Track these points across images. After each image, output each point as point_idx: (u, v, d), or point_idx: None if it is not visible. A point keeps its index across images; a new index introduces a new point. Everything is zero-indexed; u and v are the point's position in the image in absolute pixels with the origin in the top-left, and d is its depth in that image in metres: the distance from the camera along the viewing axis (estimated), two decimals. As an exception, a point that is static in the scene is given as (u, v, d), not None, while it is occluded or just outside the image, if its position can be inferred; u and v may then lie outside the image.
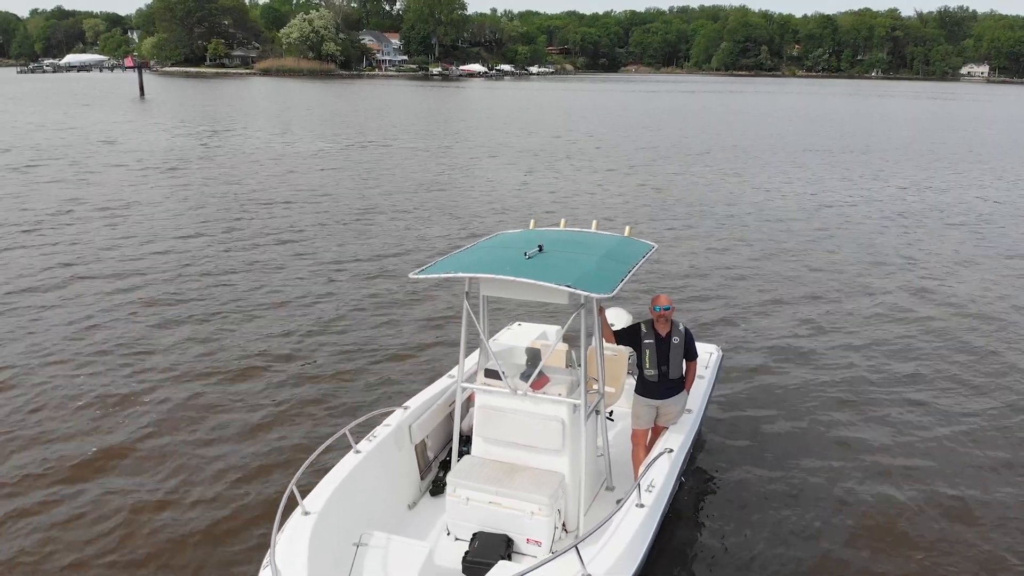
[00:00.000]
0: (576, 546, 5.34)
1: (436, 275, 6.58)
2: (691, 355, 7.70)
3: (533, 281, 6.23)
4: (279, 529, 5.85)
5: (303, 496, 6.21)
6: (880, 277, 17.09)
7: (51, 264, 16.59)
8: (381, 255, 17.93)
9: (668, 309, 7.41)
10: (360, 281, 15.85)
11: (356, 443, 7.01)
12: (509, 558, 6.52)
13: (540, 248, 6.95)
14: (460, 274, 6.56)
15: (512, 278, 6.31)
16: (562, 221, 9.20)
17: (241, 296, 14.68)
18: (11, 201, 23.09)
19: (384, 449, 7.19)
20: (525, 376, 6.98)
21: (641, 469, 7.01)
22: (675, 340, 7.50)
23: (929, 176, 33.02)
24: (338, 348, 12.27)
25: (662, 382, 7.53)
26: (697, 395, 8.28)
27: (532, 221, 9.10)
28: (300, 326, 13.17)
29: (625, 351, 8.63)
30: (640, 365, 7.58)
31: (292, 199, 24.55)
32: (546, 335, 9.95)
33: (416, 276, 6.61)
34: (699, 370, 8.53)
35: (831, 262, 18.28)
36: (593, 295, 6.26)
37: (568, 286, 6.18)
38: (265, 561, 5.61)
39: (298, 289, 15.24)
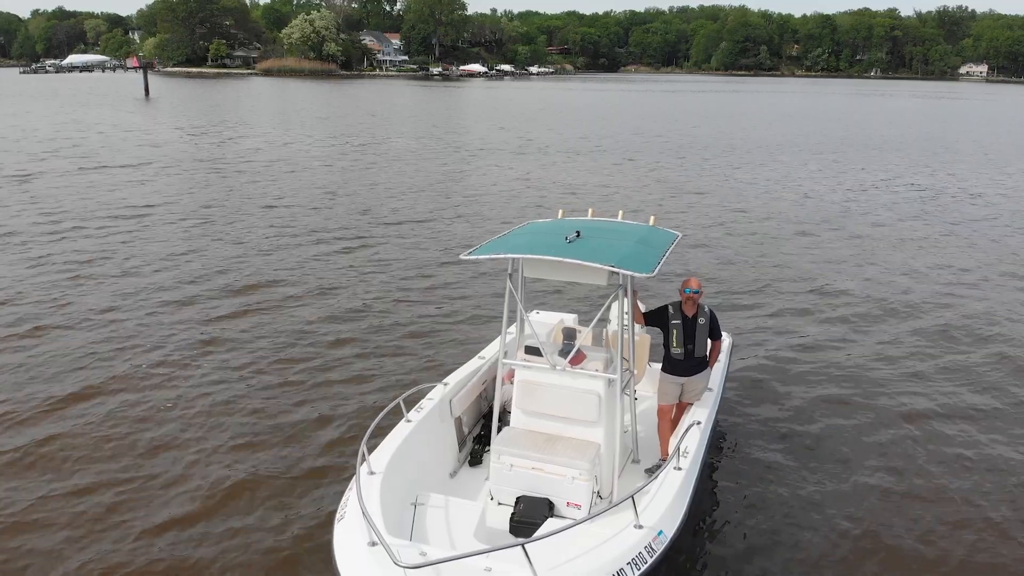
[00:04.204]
0: (633, 497, 5.84)
1: (485, 256, 7.05)
2: (716, 335, 8.23)
3: (579, 261, 6.70)
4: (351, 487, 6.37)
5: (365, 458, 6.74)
6: (899, 271, 17.59)
7: (126, 256, 17.29)
8: (416, 245, 18.92)
9: (697, 292, 7.94)
10: (396, 270, 16.81)
11: (407, 412, 7.55)
12: None
13: (578, 234, 7.43)
14: (508, 255, 7.05)
15: (559, 258, 6.78)
16: (590, 210, 9.70)
17: (295, 284, 15.53)
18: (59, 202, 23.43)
19: (430, 420, 7.74)
20: (563, 353, 7.49)
21: (674, 439, 7.54)
22: (701, 321, 8.03)
23: (961, 173, 33.68)
24: (377, 326, 13.33)
25: (688, 360, 8.07)
26: (714, 378, 8.77)
27: (560, 211, 9.62)
28: (350, 308, 14.21)
29: (648, 337, 9.16)
30: (667, 344, 8.11)
31: (335, 195, 25.38)
32: (563, 322, 10.45)
33: (466, 257, 7.12)
34: None
35: (845, 254, 18.81)
36: (637, 274, 6.78)
37: (612, 266, 6.69)
38: (339, 514, 6.14)
39: (346, 275, 16.36)
